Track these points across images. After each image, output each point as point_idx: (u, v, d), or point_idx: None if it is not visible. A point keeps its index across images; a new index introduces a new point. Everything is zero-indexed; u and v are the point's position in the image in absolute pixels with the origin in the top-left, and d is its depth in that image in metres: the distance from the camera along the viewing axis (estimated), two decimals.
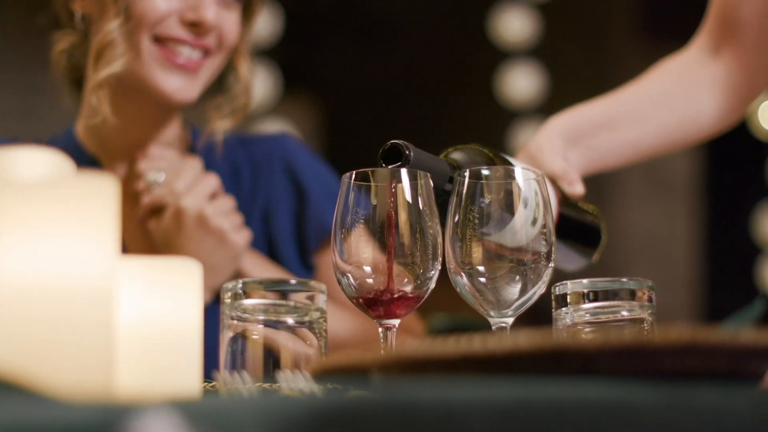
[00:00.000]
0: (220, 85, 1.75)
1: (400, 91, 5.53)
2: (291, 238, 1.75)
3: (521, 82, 5.09)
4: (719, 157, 5.29)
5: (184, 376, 0.92)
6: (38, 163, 0.81)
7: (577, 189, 1.45)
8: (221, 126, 1.72)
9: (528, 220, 1.16)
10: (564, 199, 1.44)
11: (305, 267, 1.76)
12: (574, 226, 1.45)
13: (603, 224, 1.48)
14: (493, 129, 5.11)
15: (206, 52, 1.65)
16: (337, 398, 0.68)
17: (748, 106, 1.67)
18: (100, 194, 0.78)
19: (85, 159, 1.69)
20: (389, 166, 1.17)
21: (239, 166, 1.78)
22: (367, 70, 5.57)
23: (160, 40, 1.63)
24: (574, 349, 0.77)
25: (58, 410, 0.64)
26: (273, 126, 4.80)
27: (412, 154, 1.18)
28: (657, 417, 0.72)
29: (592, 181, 1.51)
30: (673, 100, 1.62)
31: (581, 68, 5.32)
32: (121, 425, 0.61)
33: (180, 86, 1.64)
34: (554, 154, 1.48)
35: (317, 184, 1.78)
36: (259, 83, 4.69)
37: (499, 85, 5.16)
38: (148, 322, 0.90)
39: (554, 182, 1.44)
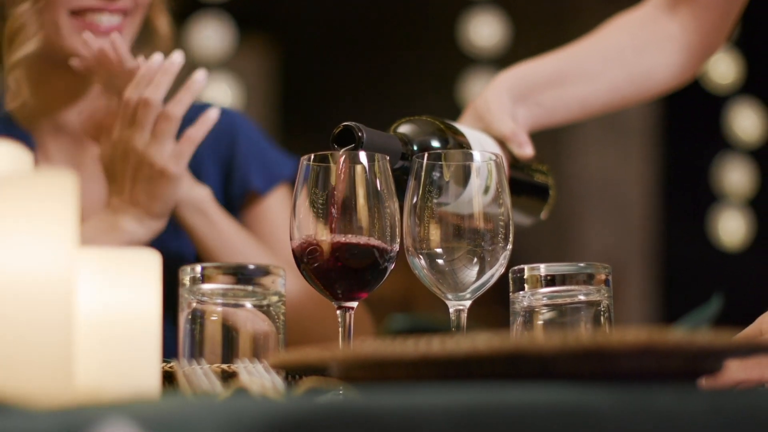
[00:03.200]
0: (139, 48, 1.72)
1: (359, 38, 5.49)
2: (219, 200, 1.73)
3: (483, 30, 5.07)
4: (675, 103, 5.31)
5: (144, 367, 0.91)
6: None
7: (526, 151, 1.44)
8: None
9: (481, 189, 1.16)
10: (513, 161, 1.44)
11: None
12: (523, 188, 1.45)
13: (552, 182, 1.48)
14: (454, 76, 5.08)
15: (125, 14, 1.63)
16: (298, 404, 0.68)
17: (701, 65, 1.66)
18: (59, 188, 0.77)
19: (18, 135, 1.68)
20: (342, 149, 1.17)
21: None
22: (324, 15, 5.53)
23: (77, 13, 1.61)
24: (532, 352, 0.78)
25: (15, 419, 0.63)
26: (228, 77, 4.79)
27: (364, 135, 1.17)
28: (615, 420, 0.73)
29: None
30: (625, 56, 1.61)
31: (543, 17, 5.31)
32: None
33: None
34: (503, 114, 1.46)
35: (245, 146, 1.76)
36: (213, 33, 4.66)
37: (460, 33, 5.14)
38: (107, 314, 0.90)
39: (503, 144, 1.43)
